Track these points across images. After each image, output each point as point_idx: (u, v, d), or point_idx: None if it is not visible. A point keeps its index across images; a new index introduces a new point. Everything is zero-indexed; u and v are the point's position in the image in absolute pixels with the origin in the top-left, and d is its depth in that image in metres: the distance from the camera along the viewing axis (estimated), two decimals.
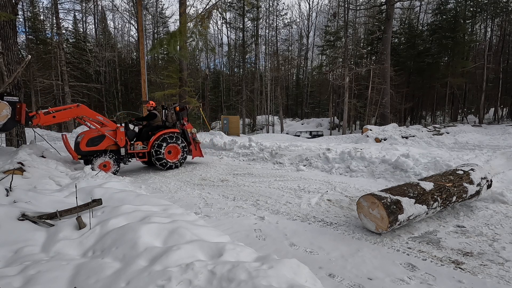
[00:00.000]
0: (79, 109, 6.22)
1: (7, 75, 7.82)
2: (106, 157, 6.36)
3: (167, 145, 7.07)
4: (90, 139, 6.31)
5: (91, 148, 6.29)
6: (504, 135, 13.42)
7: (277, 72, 31.35)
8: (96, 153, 6.32)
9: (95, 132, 6.44)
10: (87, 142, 6.27)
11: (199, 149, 7.95)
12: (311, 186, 5.16)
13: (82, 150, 6.22)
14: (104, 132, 6.43)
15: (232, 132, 22.42)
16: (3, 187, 3.74)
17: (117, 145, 6.58)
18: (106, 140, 6.45)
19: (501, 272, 2.32)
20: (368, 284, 2.20)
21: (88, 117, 6.39)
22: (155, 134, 7.06)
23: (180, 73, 15.69)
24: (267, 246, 2.89)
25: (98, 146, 6.36)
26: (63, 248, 2.50)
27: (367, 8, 26.64)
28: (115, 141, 6.54)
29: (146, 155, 7.09)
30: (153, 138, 6.98)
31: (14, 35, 8.34)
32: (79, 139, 6.31)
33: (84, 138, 6.28)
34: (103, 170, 6.20)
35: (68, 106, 6.37)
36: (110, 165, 6.40)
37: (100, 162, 6.29)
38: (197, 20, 7.90)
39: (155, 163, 7.02)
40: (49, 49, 22.95)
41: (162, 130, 7.20)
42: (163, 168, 7.08)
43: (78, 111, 6.21)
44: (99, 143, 6.37)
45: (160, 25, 33.40)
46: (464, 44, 23.33)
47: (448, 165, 5.06)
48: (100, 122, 6.54)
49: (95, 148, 6.33)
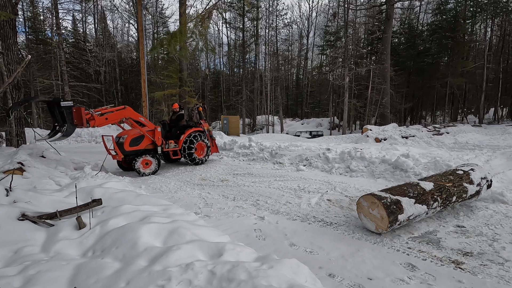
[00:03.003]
0: (125, 111, 6.55)
1: (7, 75, 7.82)
2: (148, 156, 6.67)
3: (196, 142, 7.52)
4: (133, 139, 6.60)
5: (133, 148, 6.60)
6: (504, 135, 13.42)
7: (277, 72, 31.36)
8: (138, 152, 6.64)
9: (136, 132, 6.73)
10: (130, 142, 6.55)
11: (215, 145, 8.54)
12: (311, 186, 5.16)
13: (126, 150, 6.51)
14: (145, 132, 6.75)
15: (232, 132, 22.42)
16: (3, 187, 3.74)
17: (154, 144, 6.92)
18: (146, 139, 6.79)
19: (501, 272, 2.32)
20: (368, 284, 2.20)
21: (132, 118, 6.67)
22: (184, 133, 7.46)
23: (180, 73, 15.69)
24: (267, 246, 2.89)
25: (139, 146, 6.68)
26: (63, 248, 2.50)
27: (367, 8, 26.63)
28: (153, 141, 6.88)
29: (178, 152, 7.46)
30: (184, 137, 7.39)
31: (14, 35, 8.34)
32: (122, 140, 6.55)
33: (127, 138, 6.55)
34: (145, 167, 6.59)
35: (117, 108, 6.55)
36: (151, 163, 6.71)
37: (143, 160, 6.60)
38: (197, 20, 7.91)
39: (186, 159, 7.48)
40: (49, 49, 22.95)
41: (189, 129, 7.60)
42: (192, 163, 7.55)
43: (125, 113, 6.54)
44: (140, 142, 6.69)
45: (160, 25, 33.38)
46: (464, 44, 23.32)
47: (448, 165, 5.06)
48: (141, 123, 6.86)
49: (137, 148, 6.64)
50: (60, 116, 5.64)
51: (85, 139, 14.12)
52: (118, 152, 6.46)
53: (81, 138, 14.38)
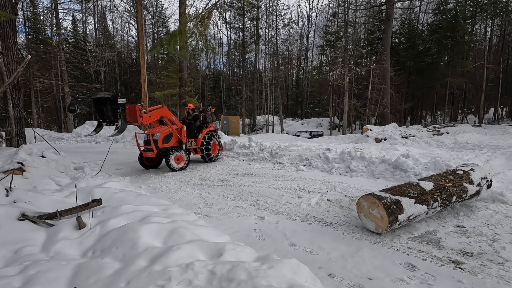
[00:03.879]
0: (163, 110, 6.87)
1: (7, 75, 7.82)
2: (180, 152, 7.04)
3: (211, 141, 8.02)
4: (165, 137, 6.96)
5: (165, 145, 6.98)
6: (504, 135, 13.42)
7: (277, 72, 31.35)
8: (168, 149, 6.98)
9: (167, 130, 7.07)
10: (162, 140, 6.89)
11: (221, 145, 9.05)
12: (311, 186, 5.16)
13: (160, 147, 6.82)
14: (175, 131, 7.16)
15: (232, 132, 22.42)
16: (3, 187, 3.74)
17: (179, 142, 7.34)
18: (174, 137, 7.20)
19: (501, 272, 2.32)
20: (368, 284, 2.20)
21: (167, 117, 6.98)
22: (202, 132, 7.91)
23: (180, 73, 15.69)
24: (267, 246, 2.89)
25: (169, 143, 7.08)
26: (63, 248, 2.49)
27: (367, 8, 26.65)
28: (179, 138, 7.30)
29: (198, 150, 7.93)
30: (202, 136, 7.84)
31: (14, 35, 8.34)
32: (156, 137, 6.82)
33: (160, 136, 6.87)
34: (177, 163, 6.98)
35: (156, 107, 6.84)
36: (182, 158, 7.10)
37: (176, 156, 6.96)
38: (197, 20, 7.91)
39: (204, 156, 7.94)
40: (49, 49, 22.96)
41: (206, 129, 8.04)
42: (208, 159, 7.99)
43: (163, 111, 6.84)
44: (170, 140, 7.09)
45: (160, 25, 33.38)
46: (464, 44, 23.32)
47: (448, 165, 5.06)
48: (173, 121, 7.16)
49: (167, 145, 7.02)
50: (112, 112, 5.73)
51: (85, 139, 14.10)
52: (154, 148, 6.72)
53: (81, 138, 14.36)
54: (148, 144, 6.80)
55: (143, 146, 7.09)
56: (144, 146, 7.04)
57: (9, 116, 8.55)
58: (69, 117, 20.49)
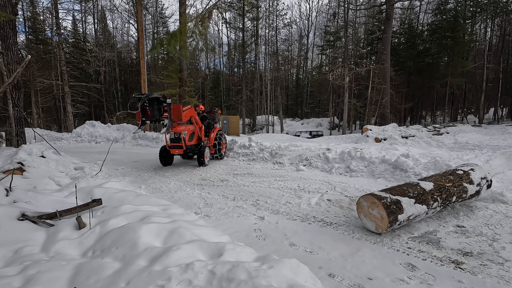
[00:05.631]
0: (192, 110, 7.36)
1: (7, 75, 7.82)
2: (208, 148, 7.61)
3: (222, 140, 8.45)
4: (190, 135, 7.41)
5: (190, 142, 7.41)
6: (504, 135, 13.42)
7: (277, 72, 31.35)
8: (192, 147, 7.50)
9: (191, 129, 7.49)
10: (189, 138, 7.33)
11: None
12: (311, 186, 5.16)
13: (187, 145, 7.24)
14: (197, 130, 7.67)
15: (232, 132, 22.42)
16: (3, 187, 3.74)
17: (199, 139, 7.83)
18: (196, 135, 7.68)
19: (501, 272, 2.32)
20: (368, 284, 2.20)
21: (194, 116, 7.51)
22: (213, 132, 8.35)
23: (180, 73, 15.68)
24: (267, 246, 2.89)
25: (193, 141, 7.56)
26: (63, 248, 2.49)
27: (367, 8, 26.65)
28: (199, 136, 7.80)
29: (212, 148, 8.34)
30: (214, 135, 8.28)
31: (13, 35, 8.34)
32: (184, 135, 7.18)
33: (187, 134, 7.29)
34: (206, 159, 7.51)
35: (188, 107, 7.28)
36: (207, 155, 7.65)
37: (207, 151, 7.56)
38: (197, 20, 7.91)
39: (216, 154, 8.34)
40: (49, 49, 22.94)
41: (215, 129, 8.48)
42: (219, 155, 8.38)
43: (192, 112, 7.35)
44: (193, 138, 7.58)
45: (160, 25, 33.37)
46: (464, 44, 23.33)
47: (448, 165, 5.06)
48: (196, 121, 7.66)
49: (192, 143, 7.48)
50: (157, 111, 6.25)
51: (85, 139, 14.08)
52: (183, 146, 7.14)
53: (81, 138, 14.35)
54: (177, 141, 7.18)
55: (169, 143, 7.40)
56: (171, 144, 7.33)
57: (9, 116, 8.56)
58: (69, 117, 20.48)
